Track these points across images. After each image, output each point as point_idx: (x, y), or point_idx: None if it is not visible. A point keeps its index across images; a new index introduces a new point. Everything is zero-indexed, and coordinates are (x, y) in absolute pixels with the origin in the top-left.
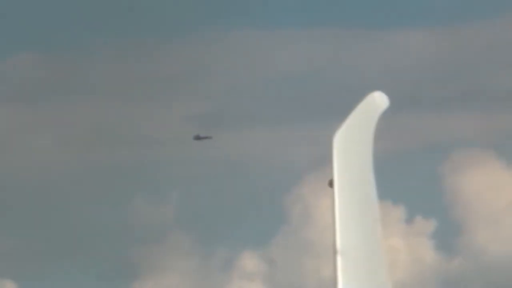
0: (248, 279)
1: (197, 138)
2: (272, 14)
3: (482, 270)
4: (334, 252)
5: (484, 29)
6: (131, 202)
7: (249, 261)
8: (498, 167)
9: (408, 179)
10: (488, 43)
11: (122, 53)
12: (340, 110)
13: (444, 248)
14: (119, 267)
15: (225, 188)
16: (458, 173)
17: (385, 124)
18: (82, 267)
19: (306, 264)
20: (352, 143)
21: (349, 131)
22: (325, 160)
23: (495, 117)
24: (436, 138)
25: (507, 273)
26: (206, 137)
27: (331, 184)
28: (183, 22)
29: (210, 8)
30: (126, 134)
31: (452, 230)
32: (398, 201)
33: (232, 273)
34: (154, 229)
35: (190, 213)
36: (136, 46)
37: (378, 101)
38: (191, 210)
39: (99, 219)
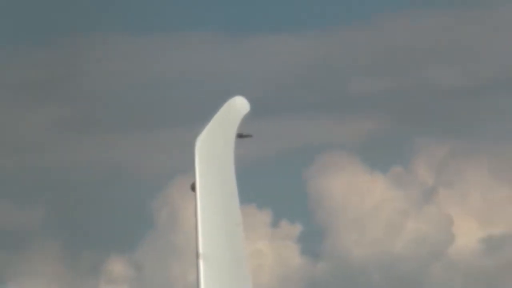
0: (115, 284)
1: (240, 136)
2: (146, 19)
3: (347, 274)
4: (197, 256)
5: (350, 34)
6: None
7: (116, 266)
8: (362, 172)
9: (274, 184)
10: (354, 48)
11: None
12: (206, 115)
13: (310, 252)
14: None
15: (92, 192)
16: (323, 177)
17: (251, 128)
18: None
19: (173, 268)
20: (213, 147)
21: (210, 136)
22: (192, 164)
23: (359, 121)
24: (301, 142)
25: (371, 277)
26: (247, 136)
27: (193, 188)
28: (59, 26)
29: (86, 12)
30: None
31: (317, 234)
32: (264, 206)
33: (99, 277)
34: (20, 234)
35: (57, 217)
36: (7, 50)
37: (239, 105)
38: (58, 214)
39: None
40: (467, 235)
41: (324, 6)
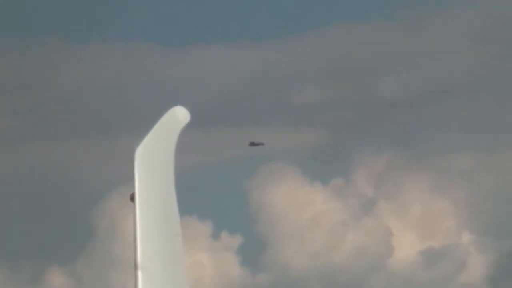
0: None
1: (252, 144)
2: (87, 28)
3: (287, 285)
4: (135, 267)
5: (292, 46)
6: None
7: (56, 277)
8: (303, 183)
9: (215, 195)
10: (295, 59)
11: None
12: (148, 124)
13: (250, 263)
14: None
15: (32, 202)
16: (264, 189)
17: (192, 139)
18: None
19: (113, 279)
20: (153, 157)
21: (150, 145)
22: (132, 174)
23: (299, 133)
24: (242, 153)
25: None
26: (259, 144)
27: (132, 198)
28: None
29: (28, 22)
30: None
31: (258, 246)
32: (205, 217)
33: None
34: None
35: None
36: None
37: (179, 115)
38: None
39: None
40: (407, 247)
41: (267, 18)
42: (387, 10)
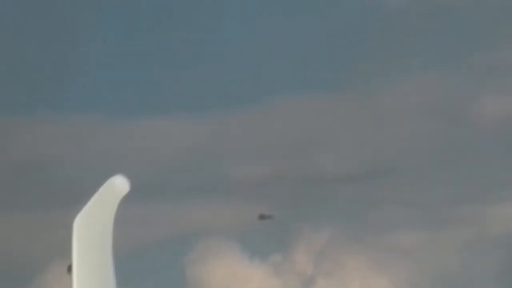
0: None
1: (261, 217)
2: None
3: None
4: None
5: (231, 119)
6: None
7: None
8: (241, 259)
9: (152, 270)
10: (235, 133)
11: None
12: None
13: None
14: None
15: None
16: (202, 265)
17: (130, 211)
18: None
19: None
20: (91, 228)
21: (89, 216)
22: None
23: (239, 208)
24: (181, 228)
25: None
26: (268, 217)
27: (69, 269)
28: None
29: None
30: None
31: None
32: None
33: None
34: None
35: None
36: None
37: (118, 185)
38: None
39: None
40: None
41: (207, 91)
42: (329, 82)
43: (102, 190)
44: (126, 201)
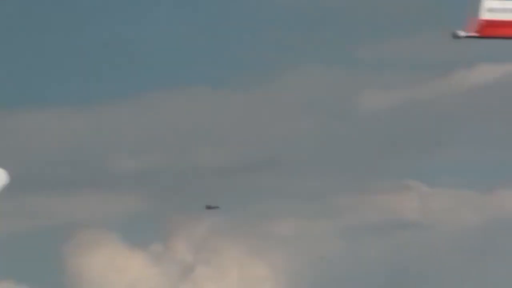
0: None
1: (208, 207)
2: None
3: None
4: None
5: (114, 112)
6: None
7: None
8: (122, 249)
9: (32, 259)
10: (116, 126)
11: None
12: None
13: None
14: None
15: None
16: (82, 255)
17: (11, 204)
18: None
19: None
20: None
21: None
22: None
23: (120, 199)
24: (61, 218)
25: None
26: (215, 207)
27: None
28: None
29: None
30: None
31: None
32: (21, 281)
33: None
34: None
35: None
36: None
37: None
38: None
39: None
40: None
41: (88, 83)
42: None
43: None
44: (6, 194)
